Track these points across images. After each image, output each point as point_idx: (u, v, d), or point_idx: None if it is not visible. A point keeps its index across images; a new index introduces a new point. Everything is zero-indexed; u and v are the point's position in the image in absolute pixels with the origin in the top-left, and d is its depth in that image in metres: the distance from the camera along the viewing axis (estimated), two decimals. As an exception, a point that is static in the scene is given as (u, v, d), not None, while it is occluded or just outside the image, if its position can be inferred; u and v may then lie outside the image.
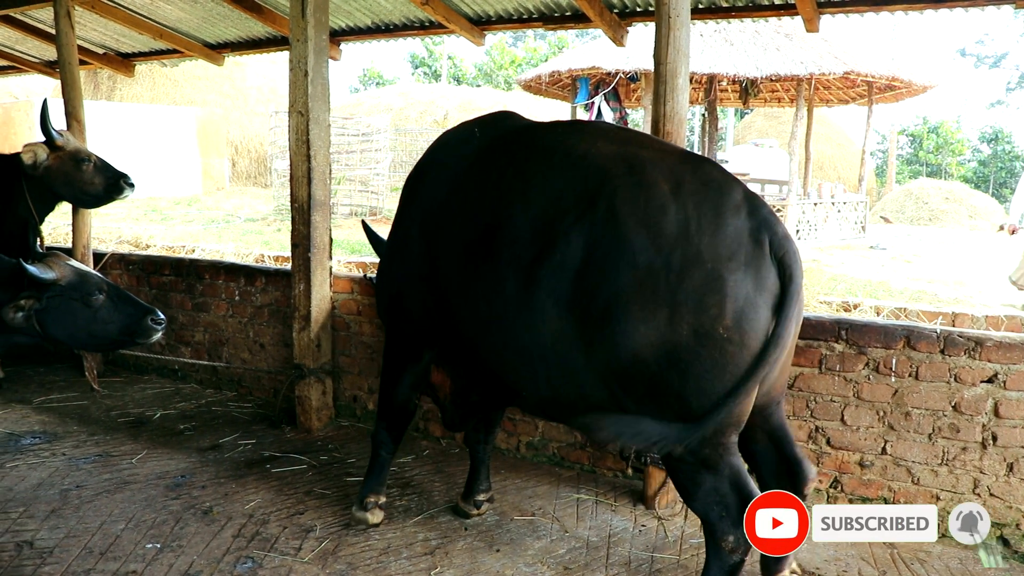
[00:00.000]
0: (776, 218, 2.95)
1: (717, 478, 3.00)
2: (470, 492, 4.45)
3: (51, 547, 4.05)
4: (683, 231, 2.87)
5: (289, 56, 5.43)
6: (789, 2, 5.65)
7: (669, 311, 2.83)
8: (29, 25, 8.53)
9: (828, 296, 6.86)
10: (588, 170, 3.19)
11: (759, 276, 2.84)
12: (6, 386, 6.71)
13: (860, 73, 15.84)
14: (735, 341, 2.80)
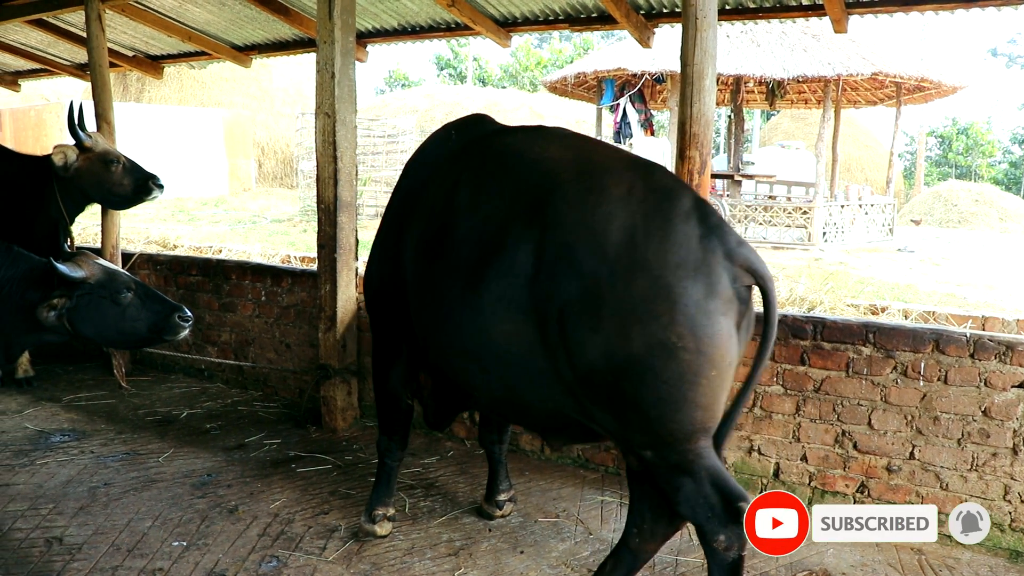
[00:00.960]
0: (728, 227, 2.87)
1: (696, 481, 2.94)
2: (491, 493, 4.45)
3: (80, 543, 4.09)
4: (629, 238, 2.82)
5: (316, 58, 5.45)
6: (817, 2, 5.61)
7: (618, 320, 2.78)
8: (61, 29, 8.65)
9: (855, 299, 6.80)
10: (539, 175, 3.16)
11: (710, 282, 2.75)
12: (36, 384, 6.79)
13: (888, 74, 15.69)
14: (690, 349, 2.72)
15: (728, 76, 16.45)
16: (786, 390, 4.52)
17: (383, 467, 4.30)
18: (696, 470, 2.93)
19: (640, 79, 16.89)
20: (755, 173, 18.60)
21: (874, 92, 18.88)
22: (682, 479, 2.96)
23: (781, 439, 4.57)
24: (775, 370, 4.52)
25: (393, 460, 4.27)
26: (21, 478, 4.91)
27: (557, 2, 6.35)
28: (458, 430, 5.56)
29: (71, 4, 7.20)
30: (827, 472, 4.47)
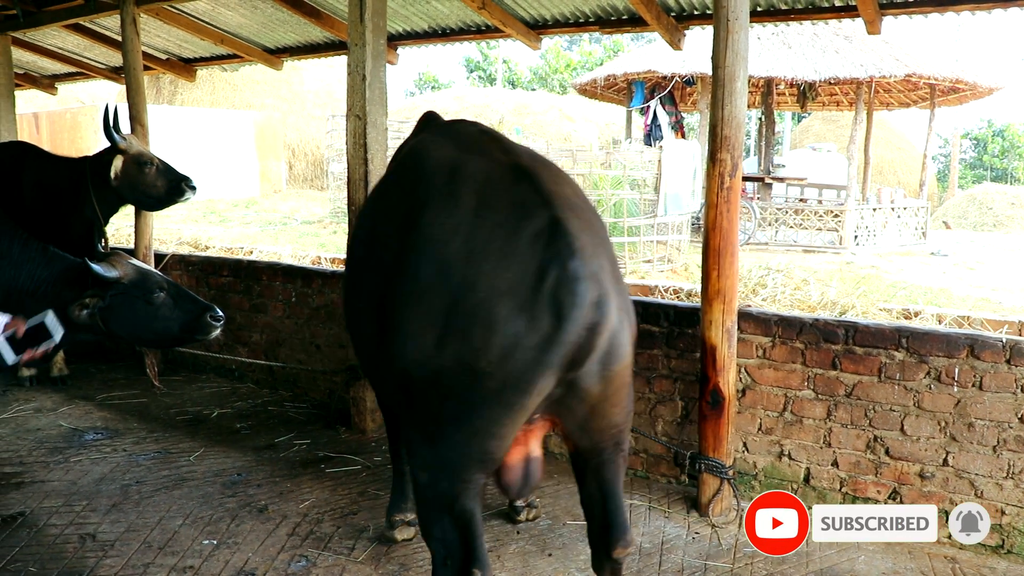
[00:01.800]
0: (573, 252, 2.56)
1: (449, 519, 2.81)
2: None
3: (112, 540, 4.14)
4: (468, 254, 2.67)
5: (347, 60, 5.48)
6: (850, 3, 5.56)
7: (438, 333, 2.65)
8: (97, 33, 8.76)
9: (887, 303, 6.72)
10: (422, 176, 3.07)
11: (533, 315, 2.55)
12: (70, 382, 6.89)
13: (922, 75, 15.51)
14: (495, 378, 2.58)
15: (759, 78, 16.35)
16: (817, 395, 4.48)
17: (396, 472, 4.29)
18: (455, 507, 2.79)
19: (670, 81, 16.84)
20: (786, 176, 18.47)
21: (907, 94, 18.67)
22: (435, 514, 2.86)
23: (812, 444, 4.53)
24: (806, 375, 4.48)
25: (403, 465, 4.21)
26: (56, 475, 4.98)
27: (587, 4, 6.34)
28: (486, 432, 5.56)
29: (107, 9, 7.29)
30: (858, 478, 4.42)
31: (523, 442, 2.81)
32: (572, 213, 2.71)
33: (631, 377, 2.89)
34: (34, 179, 6.39)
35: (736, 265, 4.34)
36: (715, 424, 4.42)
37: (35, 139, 18.31)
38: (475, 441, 2.69)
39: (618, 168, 12.47)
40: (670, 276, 11.69)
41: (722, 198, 4.23)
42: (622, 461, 3.00)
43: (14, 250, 4.31)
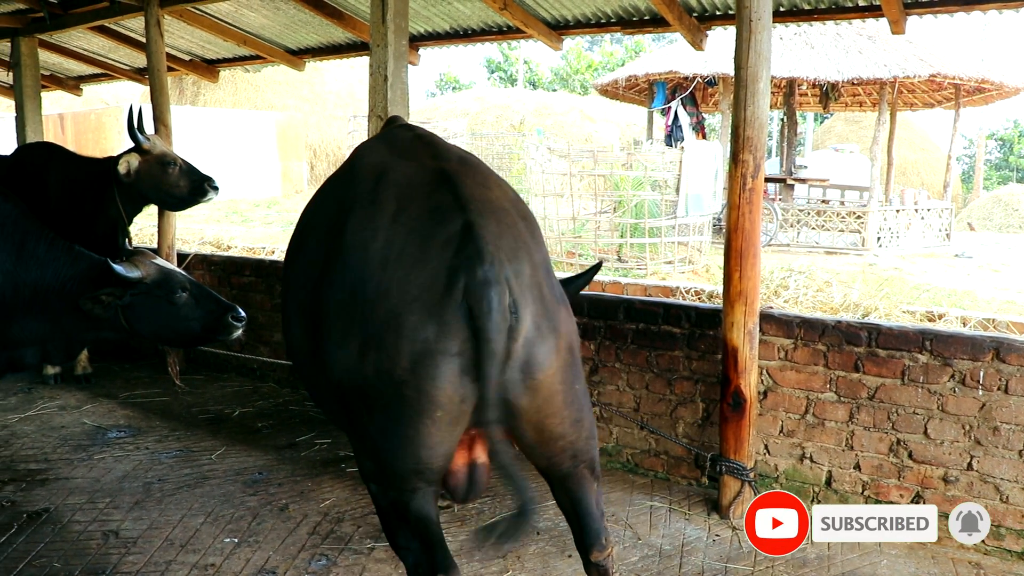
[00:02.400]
0: (483, 257, 2.52)
1: (407, 527, 2.81)
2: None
3: (135, 537, 4.18)
4: (384, 261, 2.66)
5: (369, 61, 5.50)
6: (874, 3, 5.53)
7: (360, 342, 2.65)
8: (121, 34, 8.84)
9: (911, 306, 6.68)
10: (351, 182, 3.04)
11: (443, 321, 2.53)
12: (94, 381, 6.95)
13: (947, 75, 15.38)
14: (411, 386, 2.55)
15: (781, 79, 16.28)
16: (839, 397, 4.44)
17: None
18: (409, 516, 2.77)
19: (692, 82, 16.79)
20: (808, 177, 18.36)
21: (932, 94, 18.51)
22: (394, 523, 2.85)
23: (834, 447, 4.50)
24: (829, 377, 4.45)
25: None
26: (79, 472, 5.02)
27: (609, 5, 6.33)
28: (506, 433, 5.56)
29: (132, 10, 7.36)
30: (881, 481, 4.39)
31: (467, 447, 2.77)
32: (491, 218, 2.69)
33: (569, 387, 2.76)
34: (59, 179, 6.45)
35: (758, 266, 4.32)
36: (736, 426, 4.40)
37: (60, 140, 18.49)
38: (407, 451, 2.64)
39: (639, 169, 12.45)
40: (691, 277, 11.66)
41: (744, 199, 4.21)
42: (586, 473, 2.94)
43: (40, 249, 4.36)
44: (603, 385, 5.16)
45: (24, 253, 4.32)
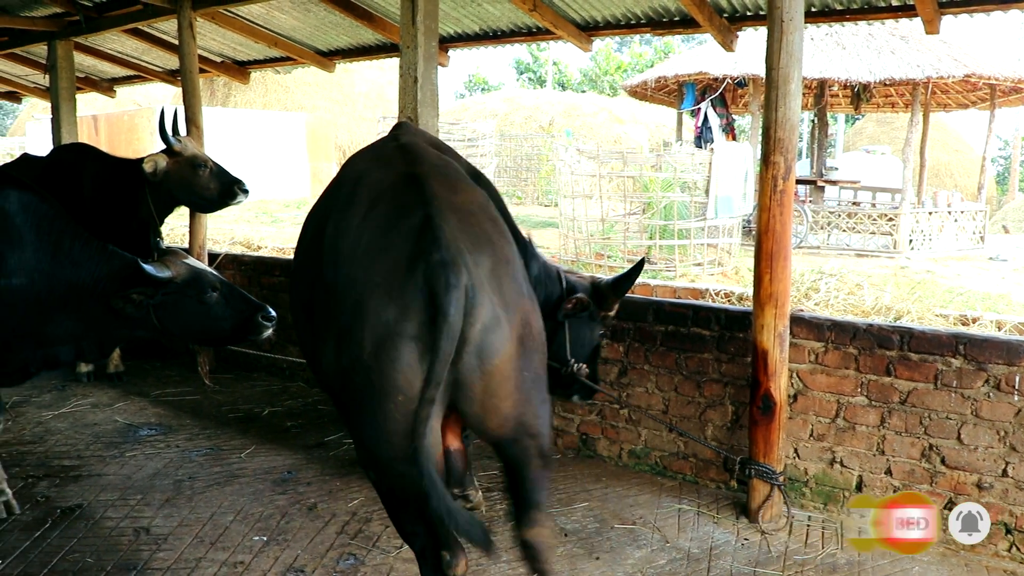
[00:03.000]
0: (441, 244, 2.65)
1: (408, 511, 2.89)
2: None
3: (166, 534, 4.22)
4: (352, 255, 2.83)
5: (399, 63, 5.51)
6: (908, 3, 5.47)
7: (336, 335, 2.79)
8: (154, 37, 8.94)
9: (944, 309, 6.59)
10: (336, 187, 3.26)
11: (402, 303, 2.64)
12: (126, 379, 7.03)
13: (982, 75, 15.14)
14: (375, 370, 2.65)
15: (812, 79, 16.09)
16: (870, 401, 4.40)
17: None
18: (407, 500, 2.84)
19: (722, 83, 16.67)
20: (839, 179, 18.18)
21: (966, 95, 18.25)
22: (396, 508, 2.93)
23: (864, 451, 4.45)
24: (860, 381, 4.41)
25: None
26: (111, 469, 5.09)
27: (639, 6, 6.31)
28: (534, 434, 5.56)
29: (164, 13, 7.43)
30: (913, 487, 4.33)
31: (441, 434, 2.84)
32: (453, 214, 2.83)
33: (520, 373, 2.83)
34: (93, 179, 6.53)
35: (789, 269, 4.29)
36: (766, 429, 4.37)
37: (94, 140, 18.71)
38: (381, 437, 2.73)
39: (668, 170, 12.39)
40: (720, 279, 11.58)
41: (775, 201, 4.18)
42: (532, 453, 2.98)
43: (75, 248, 4.41)
44: (632, 387, 5.14)
45: (60, 252, 4.37)
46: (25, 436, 5.67)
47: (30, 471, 5.05)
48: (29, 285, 4.31)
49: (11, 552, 4.01)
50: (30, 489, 4.78)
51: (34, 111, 27.38)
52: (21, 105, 22.37)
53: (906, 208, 15.66)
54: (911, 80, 15.33)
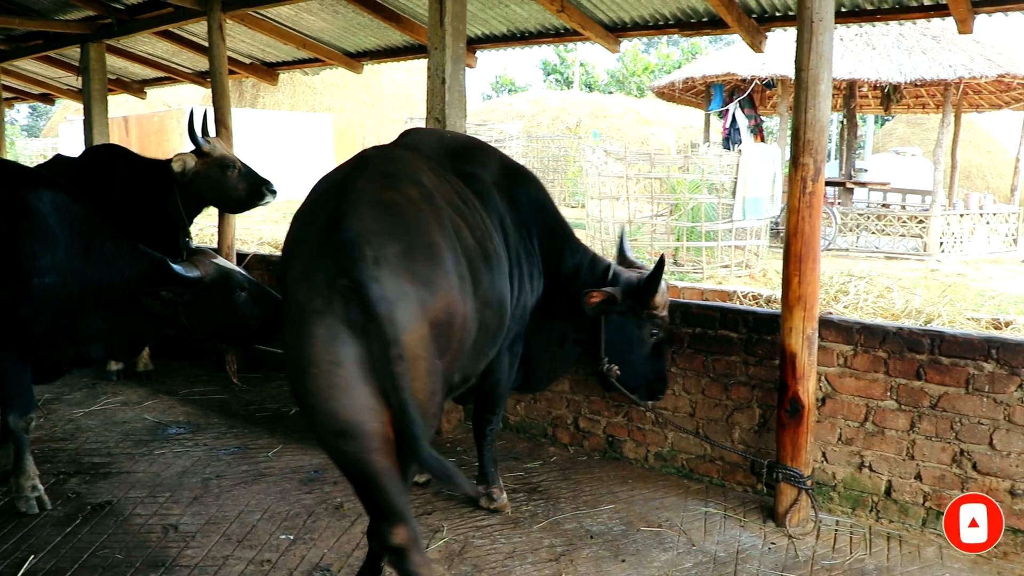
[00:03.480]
0: (344, 227, 2.88)
1: (355, 483, 3.07)
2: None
3: (193, 532, 4.25)
4: (287, 254, 3.25)
5: (427, 64, 5.53)
6: (940, 2, 5.40)
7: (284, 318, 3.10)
8: (184, 39, 9.04)
9: (976, 312, 6.50)
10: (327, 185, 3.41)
11: (311, 282, 2.89)
12: (155, 378, 7.10)
13: (1016, 75, 14.94)
14: (295, 348, 2.89)
15: (841, 80, 15.97)
16: (900, 405, 4.35)
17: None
18: (354, 476, 3.01)
19: (750, 84, 16.60)
20: (868, 180, 18.01)
21: (999, 95, 18.03)
22: (355, 483, 3.07)
23: (894, 456, 4.40)
24: (889, 384, 4.36)
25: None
26: (141, 466, 5.13)
27: (667, 6, 6.29)
28: (561, 436, 5.55)
29: (195, 15, 7.50)
30: (943, 492, 4.28)
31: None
32: (369, 207, 3.03)
33: (431, 359, 2.96)
34: (124, 180, 6.60)
35: (818, 271, 4.25)
36: (794, 433, 4.33)
37: (124, 141, 18.91)
38: (315, 416, 2.90)
39: (696, 172, 12.34)
40: (748, 282, 11.52)
41: (804, 203, 4.14)
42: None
43: (106, 248, 4.48)
44: (658, 389, 5.11)
45: (91, 251, 4.44)
46: (57, 433, 5.74)
47: (61, 467, 5.11)
48: (61, 284, 4.38)
49: (43, 547, 4.06)
50: (61, 485, 4.84)
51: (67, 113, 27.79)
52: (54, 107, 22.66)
53: (937, 210, 15.49)
54: (943, 80, 15.17)
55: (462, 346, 3.28)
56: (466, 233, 3.50)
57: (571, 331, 4.63)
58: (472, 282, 3.33)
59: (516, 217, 4.28)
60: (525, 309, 4.30)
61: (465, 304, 3.19)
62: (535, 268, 4.35)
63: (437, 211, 3.32)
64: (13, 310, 4.29)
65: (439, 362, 3.02)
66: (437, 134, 4.51)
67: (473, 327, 3.36)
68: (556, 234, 4.49)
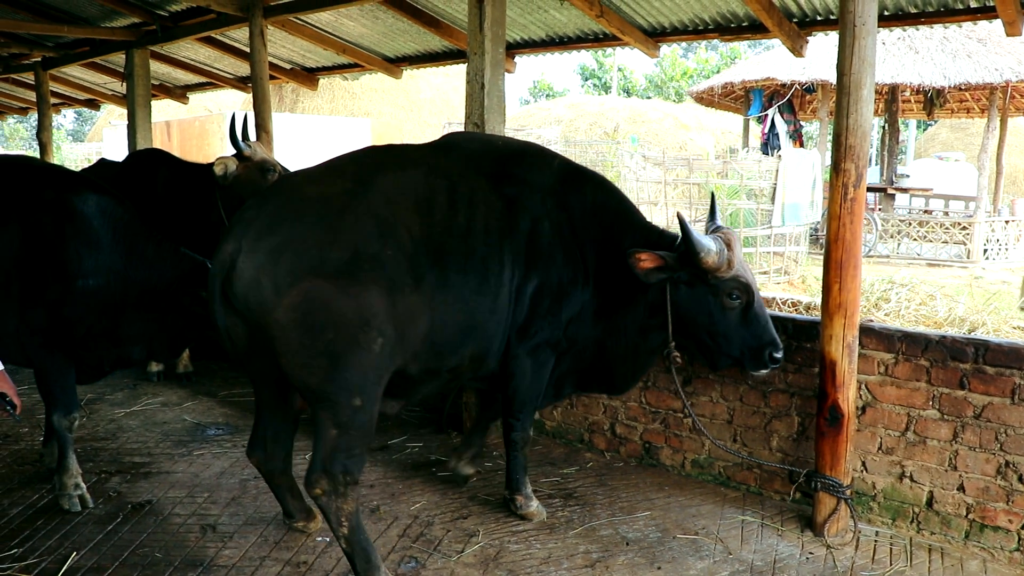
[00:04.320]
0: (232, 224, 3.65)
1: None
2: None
3: (231, 532, 4.29)
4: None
5: (466, 69, 5.55)
6: (988, 4, 5.31)
7: None
8: (226, 44, 9.16)
9: (1022, 321, 6.38)
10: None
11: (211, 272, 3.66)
12: (195, 379, 7.18)
13: (1067, 79, 14.68)
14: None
15: (883, 85, 15.80)
16: (943, 415, 4.28)
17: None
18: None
19: (789, 89, 16.46)
20: (910, 186, 17.78)
21: (1047, 100, 17.73)
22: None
23: (936, 466, 4.33)
24: (931, 393, 4.29)
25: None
26: (180, 467, 5.19)
27: (707, 11, 6.25)
28: (598, 441, 5.53)
29: (237, 21, 7.60)
30: (987, 505, 4.20)
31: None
32: (284, 205, 3.60)
33: (298, 340, 3.42)
34: (166, 184, 6.70)
35: (858, 278, 4.19)
36: (833, 442, 4.28)
37: (166, 146, 19.19)
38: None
39: (735, 177, 12.27)
40: (787, 288, 11.42)
41: (845, 209, 4.10)
42: (322, 418, 3.58)
43: (149, 251, 4.57)
44: (696, 396, 5.08)
45: (134, 254, 4.53)
46: (99, 432, 5.83)
47: (103, 467, 5.19)
48: (105, 285, 4.47)
49: (85, 544, 4.12)
50: (103, 484, 4.91)
51: (111, 117, 28.26)
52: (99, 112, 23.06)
53: (981, 216, 15.26)
54: (988, 84, 14.94)
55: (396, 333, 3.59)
56: (417, 231, 3.70)
57: (645, 317, 4.32)
58: (411, 277, 3.62)
59: (565, 221, 4.23)
60: (556, 316, 4.21)
61: (367, 292, 3.47)
62: (578, 274, 4.25)
63: (341, 207, 3.61)
64: (58, 311, 4.37)
65: (319, 345, 3.44)
66: (485, 139, 4.59)
67: (409, 318, 3.63)
68: (615, 230, 4.32)
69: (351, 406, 3.53)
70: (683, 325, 4.22)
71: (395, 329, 3.57)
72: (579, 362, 4.47)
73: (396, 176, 3.85)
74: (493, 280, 3.93)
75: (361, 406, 3.56)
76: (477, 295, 3.88)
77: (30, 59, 11.22)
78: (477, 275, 3.87)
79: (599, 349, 4.42)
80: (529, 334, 4.16)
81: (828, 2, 5.82)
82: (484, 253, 3.90)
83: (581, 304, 4.27)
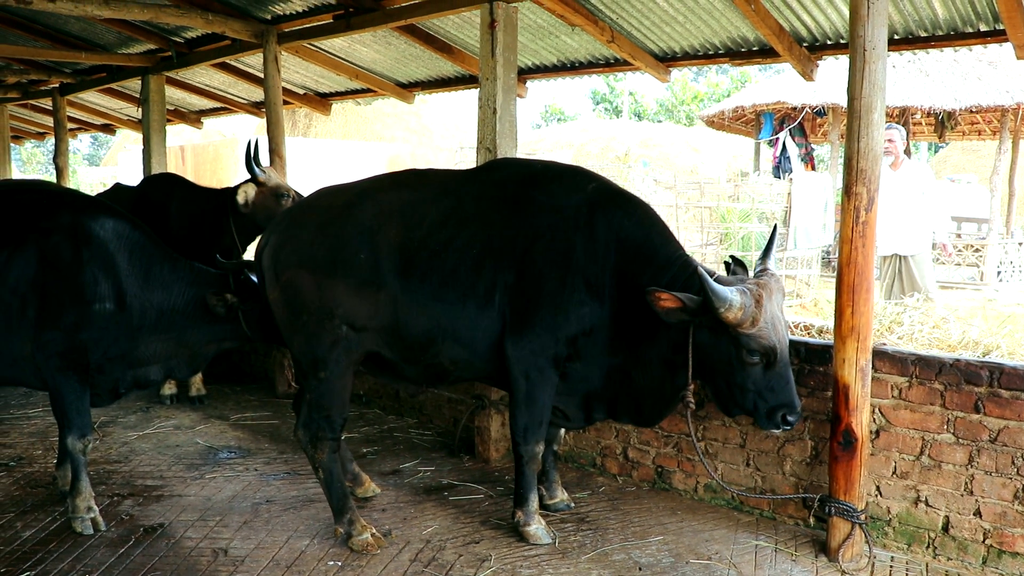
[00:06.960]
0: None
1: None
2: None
3: (243, 556, 4.29)
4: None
5: (478, 94, 5.59)
6: (997, 28, 5.32)
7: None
8: (240, 70, 9.26)
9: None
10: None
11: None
12: (207, 402, 7.20)
13: (1077, 101, 14.64)
14: None
15: (893, 108, 15.77)
16: (958, 439, 4.25)
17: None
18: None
19: (800, 112, 16.48)
20: (922, 209, 17.70)
21: (1059, 121, 17.67)
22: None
23: (951, 491, 4.29)
24: (946, 417, 4.26)
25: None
26: (192, 490, 5.20)
27: (718, 36, 6.28)
28: (610, 466, 5.51)
29: (251, 48, 7.69)
30: (1005, 530, 4.16)
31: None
32: (297, 218, 4.60)
33: (281, 315, 4.48)
34: (180, 208, 6.76)
35: (871, 302, 4.19)
36: (847, 466, 4.25)
37: (181, 170, 19.32)
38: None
39: (746, 201, 12.27)
40: (799, 311, 11.37)
41: (857, 233, 4.09)
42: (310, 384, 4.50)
43: (165, 272, 4.66)
44: (709, 420, 5.06)
45: (150, 277, 4.62)
46: (112, 455, 5.85)
47: (116, 489, 5.20)
48: (121, 308, 4.52)
49: (97, 568, 4.13)
50: (115, 507, 4.92)
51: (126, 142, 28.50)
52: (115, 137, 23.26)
53: (994, 239, 15.20)
54: (999, 107, 14.93)
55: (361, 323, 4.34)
56: (395, 241, 4.31)
57: (670, 353, 4.21)
58: (378, 278, 4.29)
59: (581, 242, 4.24)
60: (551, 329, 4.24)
61: (336, 287, 4.28)
62: (585, 295, 4.22)
63: (348, 216, 4.41)
64: (75, 334, 4.41)
65: (286, 318, 4.45)
66: (525, 164, 4.88)
67: (374, 311, 4.32)
68: (636, 264, 4.26)
69: (318, 377, 4.35)
70: (703, 368, 4.13)
71: (360, 319, 4.31)
72: (606, 389, 4.46)
73: (402, 194, 4.49)
74: (460, 290, 4.27)
75: (326, 378, 4.35)
76: (436, 301, 4.28)
77: (48, 85, 11.35)
78: (440, 285, 4.27)
79: (625, 379, 4.39)
80: (522, 342, 4.25)
81: (838, 26, 5.84)
82: (454, 266, 4.26)
83: (591, 324, 4.25)
